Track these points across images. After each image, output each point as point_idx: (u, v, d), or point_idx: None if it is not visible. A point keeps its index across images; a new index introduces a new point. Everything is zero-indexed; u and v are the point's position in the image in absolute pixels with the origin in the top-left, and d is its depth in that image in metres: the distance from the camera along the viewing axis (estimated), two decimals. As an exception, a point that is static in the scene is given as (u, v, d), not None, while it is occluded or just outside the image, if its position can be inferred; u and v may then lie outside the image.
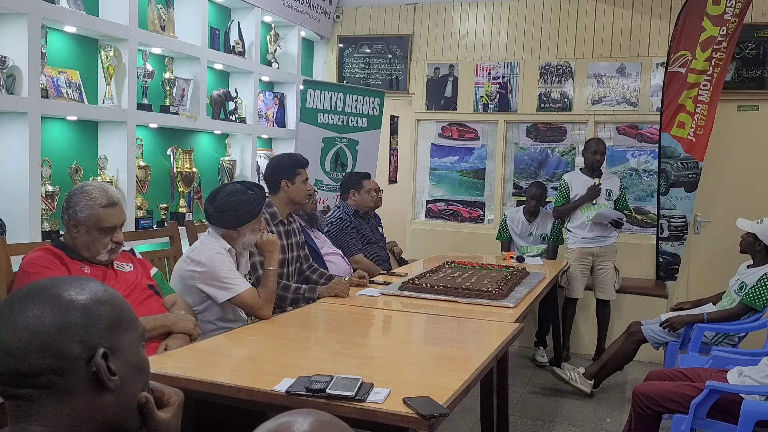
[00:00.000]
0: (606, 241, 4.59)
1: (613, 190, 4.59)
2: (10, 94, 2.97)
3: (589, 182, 4.54)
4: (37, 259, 2.18)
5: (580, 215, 4.57)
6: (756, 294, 3.39)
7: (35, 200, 3.04)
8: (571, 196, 4.59)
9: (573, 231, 4.63)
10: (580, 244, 4.59)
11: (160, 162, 4.09)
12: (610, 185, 4.59)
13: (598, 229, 4.55)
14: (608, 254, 4.62)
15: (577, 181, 4.60)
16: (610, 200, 4.58)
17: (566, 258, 4.66)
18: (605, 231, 4.57)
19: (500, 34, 5.45)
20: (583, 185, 4.55)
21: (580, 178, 4.61)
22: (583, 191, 4.52)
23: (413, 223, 5.77)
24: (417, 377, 2.00)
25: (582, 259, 4.60)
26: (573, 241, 4.64)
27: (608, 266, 4.62)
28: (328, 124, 5.15)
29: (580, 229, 4.58)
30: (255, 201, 2.67)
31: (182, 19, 4.13)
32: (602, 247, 4.58)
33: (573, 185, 4.60)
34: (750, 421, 2.32)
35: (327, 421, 0.83)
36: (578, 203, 4.55)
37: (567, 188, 4.61)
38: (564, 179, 4.68)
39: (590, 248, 4.58)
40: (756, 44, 4.81)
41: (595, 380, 3.93)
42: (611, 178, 4.68)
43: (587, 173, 4.59)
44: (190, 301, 2.58)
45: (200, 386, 1.87)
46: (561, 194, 4.65)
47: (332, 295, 3.03)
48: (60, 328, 0.88)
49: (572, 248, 4.64)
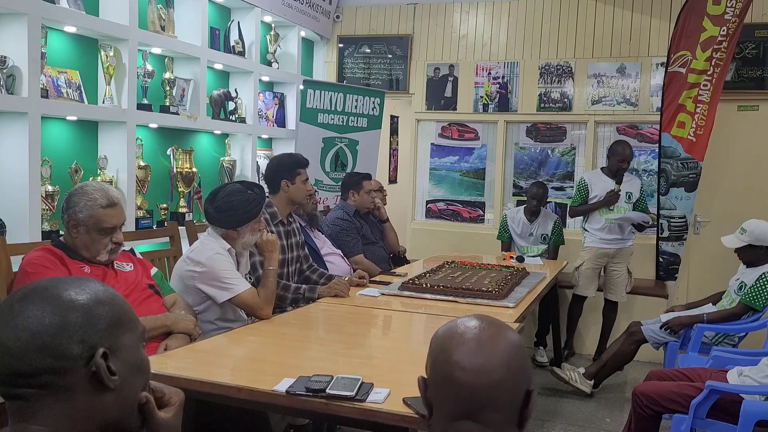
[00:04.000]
0: (624, 243, 4.57)
1: (633, 193, 4.55)
2: (10, 94, 2.97)
3: (609, 185, 4.49)
4: (37, 259, 2.19)
5: (599, 217, 4.54)
6: (755, 293, 3.39)
7: (35, 200, 3.03)
8: (590, 197, 4.56)
9: (591, 231, 4.61)
10: (597, 243, 4.57)
11: (160, 162, 4.09)
12: (631, 188, 4.55)
13: (617, 231, 4.53)
14: (623, 256, 4.60)
15: (597, 183, 4.55)
16: (630, 203, 4.54)
17: (580, 256, 4.64)
18: (624, 234, 4.55)
19: (500, 34, 5.45)
20: (603, 188, 4.50)
21: (600, 179, 4.56)
22: (603, 194, 4.49)
23: (413, 223, 5.77)
24: (417, 377, 2.00)
25: (597, 258, 4.58)
26: (591, 240, 4.61)
27: (621, 268, 4.61)
28: (328, 124, 5.15)
29: (599, 231, 4.55)
30: (255, 201, 2.67)
31: (182, 19, 4.12)
32: (620, 250, 4.57)
33: (593, 186, 4.55)
34: (750, 421, 2.32)
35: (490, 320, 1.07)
36: (596, 206, 4.52)
37: (586, 188, 4.58)
38: (584, 179, 4.64)
39: (607, 249, 4.55)
40: (756, 44, 4.81)
41: (595, 380, 3.93)
42: (632, 180, 4.63)
43: (609, 175, 4.54)
44: (190, 301, 2.58)
45: (200, 386, 1.87)
46: (579, 194, 4.62)
47: (332, 295, 3.03)
48: (60, 328, 0.88)
49: (588, 246, 4.62)
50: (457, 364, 1.01)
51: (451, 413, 1.03)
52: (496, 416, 1.01)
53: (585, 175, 4.71)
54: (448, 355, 1.03)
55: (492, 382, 1.00)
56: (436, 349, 1.06)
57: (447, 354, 1.03)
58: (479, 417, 1.00)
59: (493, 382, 1.00)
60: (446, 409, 1.03)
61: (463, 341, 1.03)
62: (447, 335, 1.06)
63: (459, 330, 1.05)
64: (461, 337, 1.04)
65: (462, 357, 1.01)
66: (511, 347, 1.03)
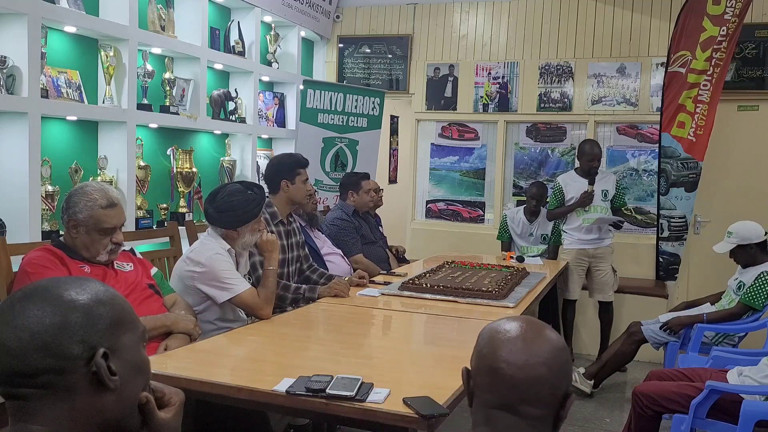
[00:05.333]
0: (602, 242, 4.57)
1: (608, 190, 4.56)
2: (10, 94, 2.97)
3: (583, 185, 4.50)
4: (37, 259, 2.18)
5: (576, 218, 4.55)
6: (754, 293, 3.39)
7: (35, 200, 3.04)
8: (567, 199, 4.56)
9: (569, 232, 4.62)
10: (576, 245, 4.57)
11: (160, 162, 4.09)
12: (606, 185, 4.56)
13: (594, 231, 4.53)
14: (605, 256, 4.59)
15: (571, 184, 4.56)
16: (606, 200, 4.55)
17: (562, 259, 4.65)
18: (601, 233, 4.56)
19: (500, 34, 5.45)
20: (577, 188, 4.52)
21: (574, 180, 4.57)
22: (578, 195, 4.50)
23: (413, 223, 5.77)
24: (417, 377, 2.00)
25: (578, 260, 4.58)
26: (569, 242, 4.61)
27: (605, 267, 4.60)
28: (328, 124, 5.15)
29: (576, 231, 4.56)
30: (255, 201, 2.67)
31: (182, 19, 4.13)
32: (598, 249, 4.56)
33: (567, 188, 4.57)
34: (750, 421, 2.32)
35: (535, 321, 1.15)
36: (572, 207, 4.53)
37: (561, 191, 4.58)
38: (558, 182, 4.65)
39: (586, 249, 4.56)
40: (756, 44, 4.81)
41: (595, 380, 3.94)
42: (607, 177, 4.64)
43: (582, 175, 4.56)
44: (190, 301, 2.58)
45: (200, 386, 1.87)
46: (555, 197, 4.62)
47: (332, 295, 3.03)
48: (60, 328, 0.88)
49: (569, 249, 4.62)
50: (502, 358, 1.10)
51: (491, 403, 1.11)
52: (533, 411, 1.08)
53: (559, 178, 4.70)
54: (495, 349, 1.11)
55: (532, 378, 1.08)
56: (483, 343, 1.15)
57: (493, 348, 1.12)
58: (517, 410, 1.08)
59: (534, 378, 1.08)
60: (487, 399, 1.11)
61: (510, 338, 1.12)
62: (494, 331, 1.15)
63: (506, 327, 1.14)
64: (507, 333, 1.13)
65: (507, 352, 1.10)
66: (554, 348, 1.12)
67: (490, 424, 1.10)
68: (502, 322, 1.17)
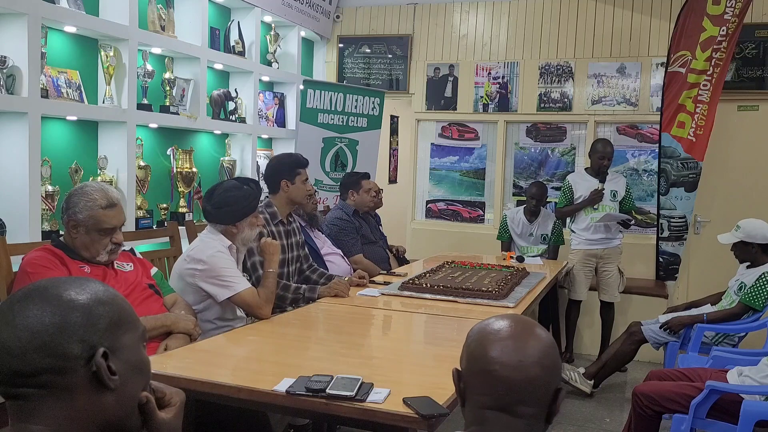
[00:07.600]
0: (610, 243, 4.55)
1: (618, 191, 4.55)
2: (10, 94, 2.97)
3: (593, 184, 4.49)
4: (37, 259, 2.18)
5: (584, 217, 4.53)
6: (755, 293, 3.39)
7: (35, 200, 3.04)
8: (575, 198, 4.56)
9: (577, 232, 4.60)
10: (584, 245, 4.55)
11: (160, 162, 4.09)
12: (616, 186, 4.55)
13: (602, 231, 4.51)
14: (612, 256, 4.57)
15: (581, 183, 4.55)
16: (615, 201, 4.53)
17: (569, 259, 4.64)
18: (610, 233, 4.53)
19: (500, 34, 5.45)
20: (587, 187, 4.50)
21: (584, 179, 4.56)
22: (587, 193, 4.49)
23: (413, 223, 5.77)
24: (417, 377, 2.00)
25: (586, 260, 4.56)
26: (577, 242, 4.60)
27: (612, 268, 4.59)
28: (328, 124, 5.15)
29: (585, 231, 4.54)
30: (251, 195, 2.69)
31: (182, 19, 4.12)
32: (606, 249, 4.55)
33: (577, 187, 4.55)
34: (750, 421, 2.32)
35: (524, 320, 1.15)
36: (580, 206, 4.51)
37: (570, 189, 4.57)
38: (568, 180, 4.64)
39: (594, 250, 4.54)
40: (756, 44, 4.81)
41: (595, 380, 3.94)
42: (617, 179, 4.63)
43: (592, 174, 4.55)
44: (190, 300, 2.58)
45: (200, 386, 1.87)
46: (564, 195, 4.61)
47: (332, 295, 3.03)
48: (60, 328, 0.88)
49: (576, 249, 4.61)
50: (495, 359, 1.08)
51: (485, 404, 1.10)
52: (528, 410, 1.08)
53: (569, 177, 4.70)
54: (486, 351, 1.10)
55: (528, 378, 1.07)
56: (473, 344, 1.14)
57: (485, 350, 1.10)
58: (513, 410, 1.08)
59: (529, 378, 1.07)
60: (480, 400, 1.10)
61: (500, 338, 1.11)
62: (484, 332, 1.14)
63: (495, 327, 1.13)
64: (498, 334, 1.12)
65: (500, 353, 1.09)
66: (545, 346, 1.11)
67: (484, 424, 1.09)
68: (490, 322, 1.16)
